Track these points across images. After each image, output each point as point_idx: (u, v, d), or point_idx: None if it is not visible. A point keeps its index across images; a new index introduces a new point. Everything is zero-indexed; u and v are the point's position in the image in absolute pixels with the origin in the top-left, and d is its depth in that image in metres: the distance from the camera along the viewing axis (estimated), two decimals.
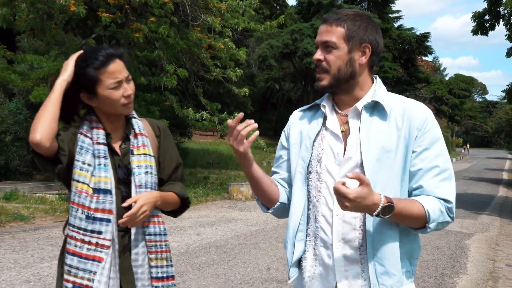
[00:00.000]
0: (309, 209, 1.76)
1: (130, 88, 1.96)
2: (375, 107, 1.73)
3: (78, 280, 1.84)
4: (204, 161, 21.53)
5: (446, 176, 1.66)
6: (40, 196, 12.61)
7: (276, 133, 34.94)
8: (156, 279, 1.93)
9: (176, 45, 14.28)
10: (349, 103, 1.77)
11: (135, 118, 2.04)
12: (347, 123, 1.75)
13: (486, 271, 6.49)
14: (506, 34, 16.80)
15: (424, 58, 47.18)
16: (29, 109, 16.94)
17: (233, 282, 5.30)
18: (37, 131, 1.78)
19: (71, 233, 1.89)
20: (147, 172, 1.94)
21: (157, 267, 1.93)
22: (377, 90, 1.76)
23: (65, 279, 1.86)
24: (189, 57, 15.79)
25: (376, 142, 1.66)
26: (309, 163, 1.76)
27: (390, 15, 37.97)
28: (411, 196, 1.68)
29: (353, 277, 1.66)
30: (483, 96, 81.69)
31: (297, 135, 1.85)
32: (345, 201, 1.46)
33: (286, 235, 1.82)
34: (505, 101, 33.73)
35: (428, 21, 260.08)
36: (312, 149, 1.76)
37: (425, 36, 36.30)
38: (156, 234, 1.95)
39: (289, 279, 1.80)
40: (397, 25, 37.93)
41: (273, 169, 1.95)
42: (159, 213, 2.00)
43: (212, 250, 6.79)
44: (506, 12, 15.80)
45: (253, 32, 15.62)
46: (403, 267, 1.66)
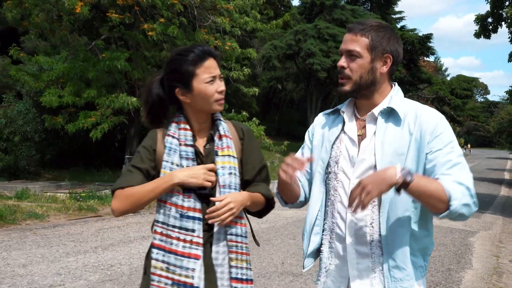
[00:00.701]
0: (327, 205, 1.90)
1: (223, 85, 2.00)
2: (390, 113, 1.84)
3: (176, 277, 1.87)
4: None
5: (460, 167, 1.72)
6: (51, 195, 12.83)
7: (279, 133, 35.10)
8: (236, 279, 1.92)
9: (184, 46, 14.51)
10: (368, 108, 1.88)
11: (221, 120, 2.07)
12: (364, 127, 1.87)
13: (491, 266, 6.77)
14: (509, 37, 17.06)
15: (426, 59, 47.38)
16: (37, 109, 17.22)
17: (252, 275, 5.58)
18: (120, 213, 1.93)
19: (164, 231, 1.92)
20: (230, 173, 1.97)
21: (237, 267, 1.93)
22: (393, 97, 1.86)
23: (164, 275, 1.89)
24: None
25: (390, 146, 1.78)
26: (328, 164, 1.91)
27: (393, 16, 38.22)
28: None
29: (364, 269, 1.79)
30: (484, 96, 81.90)
31: (319, 137, 1.99)
32: (364, 192, 1.60)
33: (303, 228, 1.96)
34: (507, 101, 33.97)
35: (430, 21, 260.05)
36: (331, 151, 1.90)
37: (427, 37, 36.47)
38: (237, 235, 1.95)
39: (303, 268, 1.94)
40: (399, 26, 38.11)
41: None
42: (243, 215, 2.01)
43: None
44: (509, 15, 16.02)
45: (256, 32, 15.87)
46: (416, 262, 1.77)
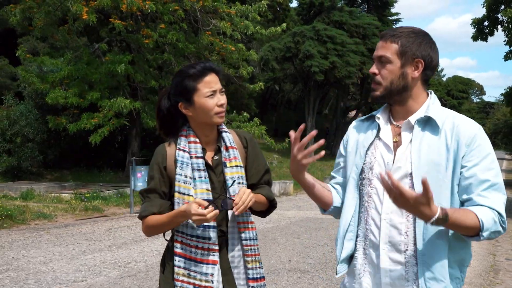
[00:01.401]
0: (361, 212, 1.89)
1: (223, 99, 2.11)
2: (427, 122, 1.82)
3: (197, 282, 2.02)
4: None
5: (496, 188, 1.73)
6: (56, 196, 13.03)
7: (276, 133, 35.27)
8: (252, 279, 2.08)
9: (186, 49, 14.75)
10: (403, 114, 1.88)
11: (225, 132, 2.19)
12: (399, 135, 1.86)
13: (488, 264, 7.07)
14: (505, 40, 17.40)
15: None
16: (39, 110, 17.43)
17: None
18: (150, 235, 2.17)
19: (184, 240, 2.07)
20: (239, 183, 2.09)
21: (253, 268, 2.08)
22: (430, 106, 1.84)
23: (186, 281, 2.04)
24: (197, 60, 16.27)
25: (426, 155, 1.76)
26: (362, 170, 1.90)
27: (390, 17, 38.43)
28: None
29: (397, 277, 1.76)
30: (480, 97, 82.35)
31: (353, 143, 1.98)
32: (402, 201, 1.57)
33: (337, 234, 1.95)
34: (502, 101, 34.31)
35: (426, 22, 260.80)
36: (365, 157, 1.90)
37: None
38: (251, 239, 2.10)
39: (336, 274, 1.94)
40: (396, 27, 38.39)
41: (331, 173, 2.12)
42: (252, 219, 2.15)
43: None
44: (504, 18, 16.33)
45: (255, 34, 16.11)
46: (453, 274, 1.75)
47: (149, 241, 7.35)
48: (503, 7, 16.76)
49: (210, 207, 1.92)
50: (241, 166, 2.14)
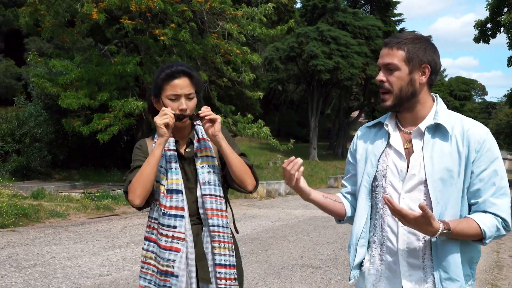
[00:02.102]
0: (375, 219, 1.93)
1: (188, 105, 2.17)
2: (437, 128, 1.85)
3: (159, 266, 2.12)
4: None
5: (502, 193, 1.80)
6: (66, 195, 13.25)
7: (279, 133, 35.52)
8: (219, 265, 2.14)
9: (193, 51, 14.99)
10: (411, 120, 1.90)
11: (199, 125, 2.29)
12: (410, 142, 1.88)
13: (492, 260, 7.33)
14: (507, 42, 17.63)
15: None
16: (48, 111, 17.72)
17: (275, 267, 6.14)
18: (137, 197, 2.10)
19: (153, 225, 2.18)
20: (209, 171, 2.19)
21: (220, 255, 2.14)
22: (438, 111, 1.87)
23: (152, 264, 2.16)
24: (203, 62, 16.50)
25: (439, 162, 1.80)
26: (374, 178, 1.92)
27: (392, 18, 38.67)
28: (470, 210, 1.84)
29: (416, 281, 1.82)
30: (482, 97, 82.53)
31: (362, 151, 2.00)
32: (403, 221, 1.72)
33: (350, 241, 2.00)
34: (504, 100, 34.50)
35: (428, 22, 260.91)
36: (377, 165, 1.91)
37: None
38: (219, 226, 2.17)
39: (350, 279, 1.99)
40: (399, 28, 38.63)
41: (343, 181, 2.17)
42: (224, 208, 2.22)
43: (248, 242, 7.61)
44: (507, 21, 16.55)
45: (260, 35, 16.37)
46: (464, 272, 1.81)
47: None
48: (506, 9, 17.02)
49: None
50: (212, 157, 2.23)
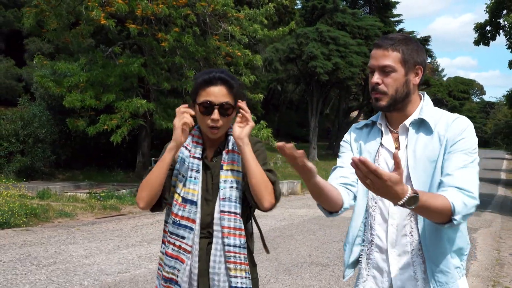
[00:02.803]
0: (365, 217, 1.92)
1: (221, 117, 2.03)
2: (421, 124, 1.86)
3: (164, 273, 2.07)
4: None
5: (469, 170, 1.74)
6: (72, 195, 13.42)
7: (279, 134, 35.70)
8: None
9: (196, 52, 15.19)
10: (400, 120, 1.90)
11: (232, 135, 2.12)
12: (397, 140, 1.90)
13: (493, 258, 7.56)
14: (507, 44, 17.88)
15: None
16: (51, 111, 17.89)
17: (285, 265, 6.37)
18: (142, 200, 2.03)
19: (165, 227, 2.12)
20: (232, 187, 2.04)
21: (236, 277, 2.02)
22: (424, 107, 1.88)
23: (158, 269, 2.14)
24: (206, 63, 16.70)
25: (422, 154, 1.81)
26: None
27: (392, 19, 38.91)
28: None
29: (407, 279, 1.81)
30: (480, 97, 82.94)
31: (355, 150, 1.99)
32: (377, 181, 1.48)
33: (346, 239, 1.98)
34: (503, 99, 34.79)
35: (427, 22, 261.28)
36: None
37: (425, 40, 37.28)
38: (235, 246, 2.03)
39: (344, 277, 2.01)
40: (398, 28, 38.83)
41: (338, 173, 2.00)
42: (242, 227, 2.06)
43: (257, 240, 7.78)
44: (506, 23, 16.79)
45: (262, 37, 16.61)
46: (454, 264, 1.80)
47: None
48: (505, 12, 17.26)
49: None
50: (238, 171, 2.08)
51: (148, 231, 8.45)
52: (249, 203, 2.09)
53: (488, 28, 18.61)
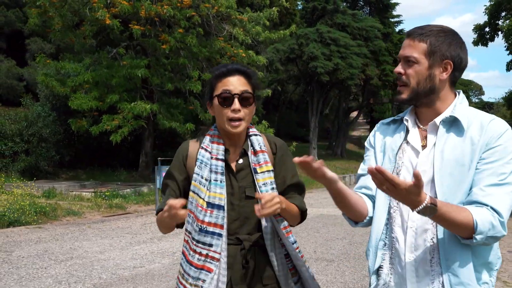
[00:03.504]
0: (387, 218, 1.80)
1: (242, 107, 1.93)
2: (453, 122, 1.73)
3: (187, 285, 1.90)
4: None
5: (504, 185, 1.61)
6: (77, 194, 13.64)
7: (279, 134, 35.96)
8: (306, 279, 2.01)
9: (200, 53, 15.42)
10: (430, 117, 1.78)
11: (255, 135, 2.04)
12: (425, 138, 1.78)
13: None
14: (505, 45, 18.16)
15: None
16: (55, 112, 18.11)
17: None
18: (163, 232, 2.01)
19: (186, 237, 1.97)
20: (273, 188, 1.95)
21: (307, 267, 1.99)
22: (457, 105, 1.75)
23: (179, 280, 1.96)
24: (208, 64, 16.92)
25: (450, 156, 1.67)
26: None
27: (391, 19, 39.15)
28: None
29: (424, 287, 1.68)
30: (479, 97, 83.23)
31: (380, 147, 1.89)
32: (393, 189, 1.48)
33: (369, 244, 1.84)
34: (501, 101, 35.11)
35: (426, 22, 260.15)
36: (395, 161, 1.79)
37: None
38: (295, 242, 1.97)
39: (370, 286, 1.85)
40: (398, 29, 39.09)
41: (360, 181, 1.95)
42: (287, 224, 1.98)
43: None
44: (505, 25, 17.07)
45: (264, 38, 16.89)
46: (480, 278, 1.65)
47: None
48: (503, 14, 17.55)
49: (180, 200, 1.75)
50: (272, 171, 1.99)
51: (157, 229, 8.65)
52: None
53: (487, 29, 18.94)
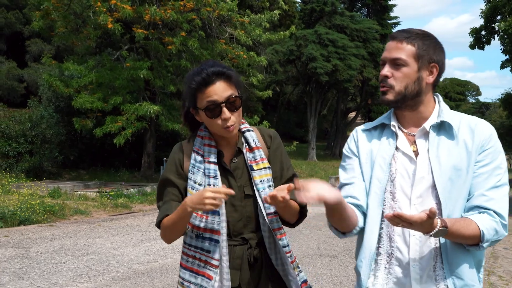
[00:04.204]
0: (381, 228, 1.76)
1: (232, 112, 1.83)
2: (441, 127, 1.74)
3: None
4: None
5: (502, 190, 1.68)
6: (82, 194, 13.88)
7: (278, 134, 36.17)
8: (305, 282, 1.97)
9: (201, 56, 15.70)
10: (414, 121, 1.78)
11: (249, 130, 1.97)
12: (414, 143, 1.76)
13: (488, 252, 8.12)
14: (501, 48, 18.52)
15: None
16: (59, 113, 18.37)
17: (297, 256, 6.87)
18: (168, 240, 1.92)
19: (184, 249, 1.92)
20: (270, 186, 1.89)
21: (299, 272, 1.96)
22: (442, 109, 1.76)
23: None
24: None
25: (447, 161, 1.68)
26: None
27: (389, 21, 39.50)
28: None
29: None
30: (476, 97, 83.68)
31: (365, 155, 1.83)
32: (405, 224, 1.51)
33: (360, 255, 1.79)
34: (497, 101, 35.50)
35: (423, 23, 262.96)
36: (389, 169, 1.75)
37: None
38: (287, 245, 1.95)
39: None
40: (395, 30, 39.33)
41: (343, 183, 1.89)
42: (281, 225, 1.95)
43: None
44: (501, 28, 17.40)
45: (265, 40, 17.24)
46: (479, 277, 1.71)
47: None
48: (499, 17, 17.90)
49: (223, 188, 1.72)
50: (269, 167, 1.93)
51: None
52: None
53: (483, 32, 19.29)
